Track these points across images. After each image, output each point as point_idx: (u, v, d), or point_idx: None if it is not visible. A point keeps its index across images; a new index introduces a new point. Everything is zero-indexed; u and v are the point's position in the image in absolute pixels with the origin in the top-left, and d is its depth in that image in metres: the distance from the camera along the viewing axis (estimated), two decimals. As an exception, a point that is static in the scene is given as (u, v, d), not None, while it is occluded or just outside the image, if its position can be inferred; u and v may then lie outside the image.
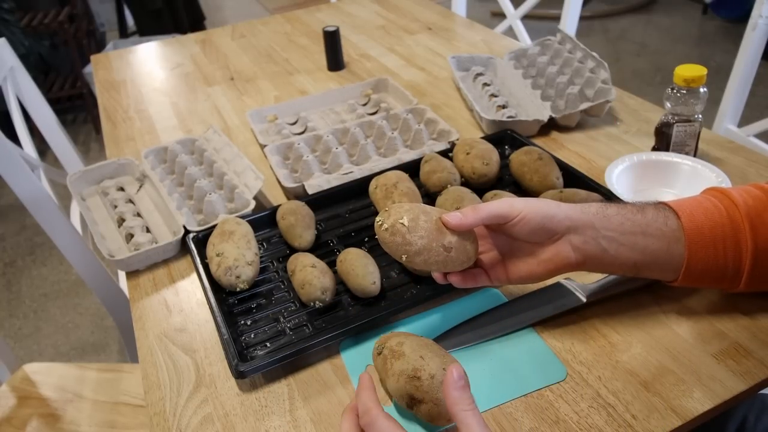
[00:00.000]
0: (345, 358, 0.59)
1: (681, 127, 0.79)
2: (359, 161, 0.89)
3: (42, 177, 1.18)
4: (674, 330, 0.58)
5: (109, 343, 1.75)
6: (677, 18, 3.54)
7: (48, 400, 0.97)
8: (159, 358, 0.62)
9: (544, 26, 2.79)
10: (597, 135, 0.93)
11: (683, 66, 0.77)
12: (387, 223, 0.52)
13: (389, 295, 0.65)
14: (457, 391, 0.43)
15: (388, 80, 1.11)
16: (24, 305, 1.92)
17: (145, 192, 0.89)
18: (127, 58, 1.44)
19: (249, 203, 0.79)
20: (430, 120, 0.95)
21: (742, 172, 0.80)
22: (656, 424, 0.50)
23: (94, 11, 3.40)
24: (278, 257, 0.73)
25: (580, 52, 1.05)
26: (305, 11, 1.62)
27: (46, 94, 2.16)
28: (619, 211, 0.54)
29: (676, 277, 0.54)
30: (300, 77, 1.24)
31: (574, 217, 0.52)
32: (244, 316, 0.65)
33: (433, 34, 1.40)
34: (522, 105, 1.01)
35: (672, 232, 0.53)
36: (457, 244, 0.52)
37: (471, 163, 0.79)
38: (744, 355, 0.55)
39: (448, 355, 0.53)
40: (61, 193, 1.20)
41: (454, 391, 0.43)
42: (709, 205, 0.54)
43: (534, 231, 0.52)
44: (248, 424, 0.54)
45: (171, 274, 0.74)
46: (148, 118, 1.14)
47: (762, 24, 1.19)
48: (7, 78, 1.18)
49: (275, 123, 1.01)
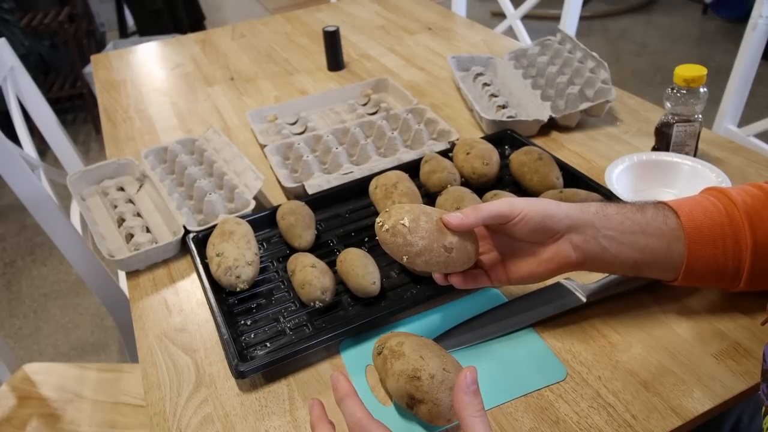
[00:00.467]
0: (345, 358, 0.59)
1: (681, 127, 0.79)
2: (359, 161, 0.89)
3: (42, 177, 1.18)
4: (674, 330, 0.58)
5: (109, 343, 1.75)
6: (677, 18, 3.54)
7: (48, 400, 0.97)
8: (159, 358, 0.62)
9: (544, 26, 2.79)
10: (597, 135, 0.93)
11: (683, 66, 0.77)
12: (388, 224, 0.52)
13: (389, 295, 0.65)
14: (467, 396, 0.43)
15: (388, 80, 1.11)
16: (24, 305, 1.92)
17: (145, 192, 0.89)
18: (127, 58, 1.44)
19: (249, 203, 0.79)
20: (430, 120, 0.95)
21: (742, 172, 0.80)
22: (656, 424, 0.50)
23: (94, 11, 3.40)
24: (278, 257, 0.73)
25: (580, 52, 1.05)
26: (305, 11, 1.63)
27: (46, 94, 2.16)
28: (619, 211, 0.54)
29: (677, 277, 0.54)
30: (300, 77, 1.24)
31: (575, 217, 0.52)
32: (244, 316, 0.65)
33: (433, 34, 1.40)
34: (522, 105, 1.01)
35: (672, 231, 0.53)
36: (458, 244, 0.52)
37: (471, 163, 0.79)
38: (744, 355, 0.55)
39: (448, 355, 0.53)
40: (61, 193, 1.20)
41: (464, 395, 0.43)
42: (708, 204, 0.54)
43: (534, 230, 0.52)
44: (248, 424, 0.54)
45: (171, 274, 0.74)
46: (148, 118, 1.14)
47: (762, 24, 1.19)
48: (7, 78, 1.18)
49: (275, 123, 1.01)
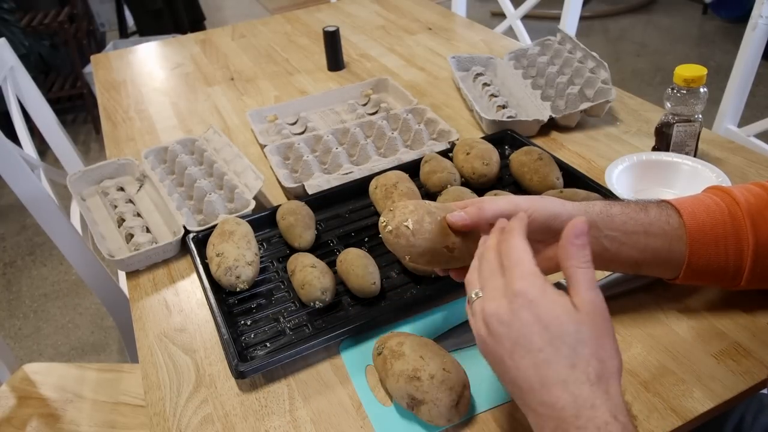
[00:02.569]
0: (345, 358, 0.59)
1: (681, 127, 0.79)
2: (359, 161, 0.89)
3: (42, 177, 1.18)
4: (674, 330, 0.58)
5: (109, 343, 1.75)
6: (677, 18, 3.54)
7: (48, 400, 0.97)
8: (159, 358, 0.62)
9: (544, 26, 2.79)
10: (597, 135, 0.93)
11: (683, 66, 0.77)
12: (391, 224, 0.52)
13: (389, 295, 0.65)
14: (574, 246, 0.42)
15: (388, 80, 1.11)
16: (24, 305, 1.92)
17: (145, 192, 0.89)
18: (127, 58, 1.44)
19: (249, 203, 0.79)
20: (430, 120, 0.95)
21: (742, 172, 0.80)
22: (656, 424, 0.50)
23: (94, 11, 3.40)
24: (278, 257, 0.73)
25: (580, 52, 1.05)
26: (305, 11, 1.62)
27: (46, 94, 2.15)
28: (623, 210, 0.54)
29: (677, 275, 0.54)
30: (300, 77, 1.24)
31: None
32: (244, 316, 0.65)
33: (433, 34, 1.40)
34: (522, 105, 1.01)
35: (674, 230, 0.53)
36: (460, 244, 0.52)
37: (471, 163, 0.79)
38: (744, 355, 0.55)
39: (448, 355, 0.53)
40: (61, 193, 1.19)
41: (570, 245, 0.42)
42: (710, 203, 0.54)
43: (538, 230, 0.52)
44: (248, 424, 0.54)
45: (171, 274, 0.74)
46: (148, 118, 1.14)
47: (762, 24, 1.19)
48: (7, 78, 1.18)
49: (275, 123, 1.01)
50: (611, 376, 0.40)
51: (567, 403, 0.39)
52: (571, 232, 0.43)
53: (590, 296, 0.41)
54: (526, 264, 0.43)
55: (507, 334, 0.41)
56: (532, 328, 0.41)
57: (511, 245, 0.44)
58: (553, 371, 0.40)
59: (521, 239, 0.44)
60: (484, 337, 0.43)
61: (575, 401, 0.38)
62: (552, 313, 0.41)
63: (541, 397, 0.40)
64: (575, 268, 0.42)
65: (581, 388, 0.39)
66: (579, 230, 0.43)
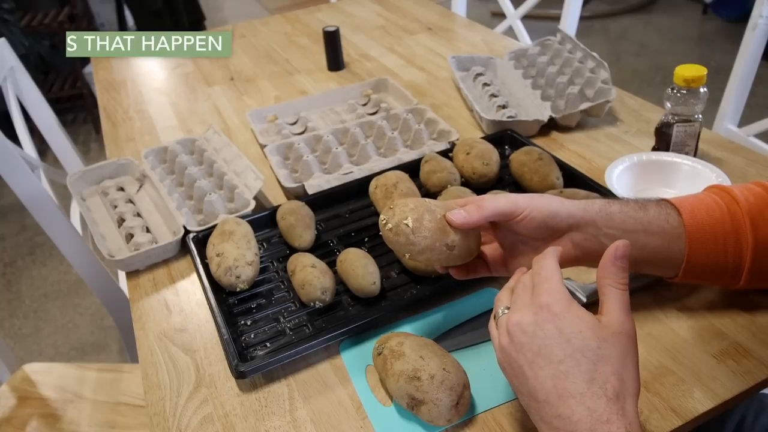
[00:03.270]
0: (345, 358, 0.59)
1: (681, 127, 0.79)
2: (359, 161, 0.89)
3: (42, 177, 1.18)
4: (674, 330, 0.58)
5: (109, 343, 1.75)
6: (677, 18, 3.54)
7: (48, 400, 0.97)
8: (159, 358, 0.62)
9: (544, 26, 2.79)
10: (597, 135, 0.93)
11: (683, 66, 0.77)
12: (391, 222, 0.52)
13: (389, 295, 0.65)
14: (614, 267, 0.44)
15: (388, 80, 1.11)
16: (24, 305, 1.92)
17: (145, 192, 0.89)
18: (127, 58, 1.44)
19: (249, 203, 0.79)
20: (430, 120, 0.95)
21: (742, 172, 0.80)
22: (656, 424, 0.50)
23: (94, 11, 3.39)
24: (278, 257, 0.73)
25: (580, 52, 1.05)
26: (305, 11, 1.63)
27: (46, 94, 2.15)
28: (622, 209, 0.54)
29: (677, 274, 0.54)
30: (300, 77, 1.24)
31: (578, 216, 0.52)
32: (244, 316, 0.65)
33: (433, 34, 1.40)
34: (522, 105, 1.01)
35: (673, 229, 0.53)
36: (460, 242, 0.52)
37: (471, 163, 0.79)
38: (744, 355, 0.55)
39: (448, 355, 0.53)
40: (61, 193, 1.19)
41: (612, 266, 0.44)
42: (710, 202, 0.54)
43: (537, 228, 0.52)
44: (248, 424, 0.54)
45: (171, 274, 0.74)
46: (148, 118, 1.14)
47: (762, 24, 1.19)
48: (7, 78, 1.18)
49: (275, 123, 1.01)
50: (629, 396, 0.40)
51: (582, 416, 0.39)
52: (612, 252, 0.44)
53: (621, 317, 0.42)
54: (554, 281, 0.44)
55: (529, 345, 0.42)
56: (555, 340, 0.41)
57: (542, 264, 0.46)
58: (571, 383, 0.40)
59: (553, 260, 0.46)
60: (506, 346, 0.44)
61: (591, 415, 0.39)
62: (575, 327, 0.41)
63: (557, 409, 0.40)
64: (611, 287, 0.43)
65: (597, 403, 0.39)
66: (621, 252, 0.44)
